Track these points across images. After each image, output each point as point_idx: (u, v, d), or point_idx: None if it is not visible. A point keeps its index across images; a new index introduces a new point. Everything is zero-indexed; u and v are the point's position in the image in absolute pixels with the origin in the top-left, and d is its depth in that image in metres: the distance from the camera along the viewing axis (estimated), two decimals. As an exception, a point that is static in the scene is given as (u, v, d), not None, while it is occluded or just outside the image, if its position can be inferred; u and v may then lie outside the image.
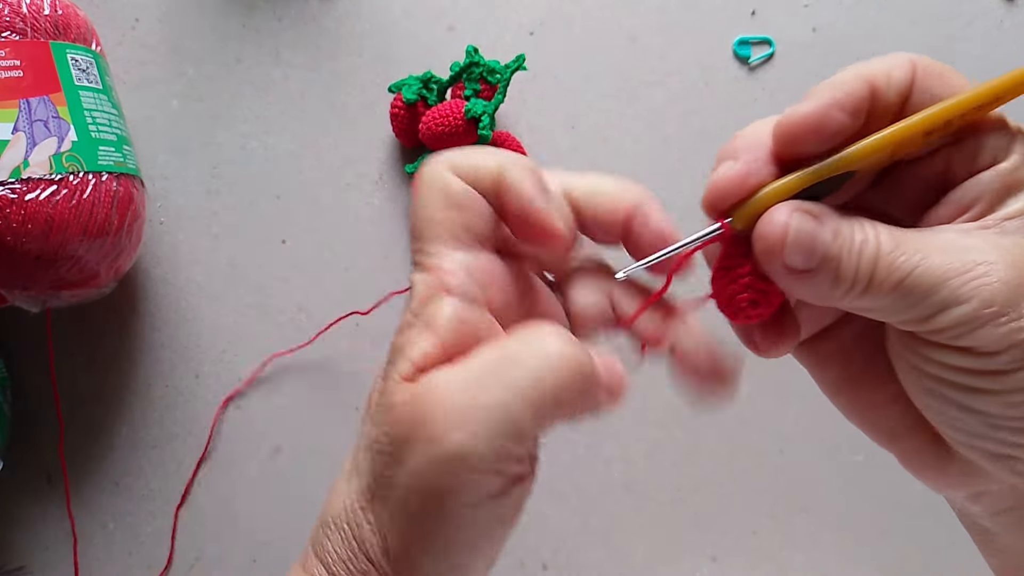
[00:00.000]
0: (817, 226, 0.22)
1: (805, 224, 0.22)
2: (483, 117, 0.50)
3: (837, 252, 0.22)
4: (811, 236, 0.22)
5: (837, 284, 0.22)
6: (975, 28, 0.56)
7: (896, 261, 0.22)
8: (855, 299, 0.23)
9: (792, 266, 0.22)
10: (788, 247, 0.22)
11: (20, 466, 0.54)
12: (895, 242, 0.22)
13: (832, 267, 0.22)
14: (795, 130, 0.23)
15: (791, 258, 0.22)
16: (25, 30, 0.45)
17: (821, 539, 0.55)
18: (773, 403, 0.55)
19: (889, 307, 0.22)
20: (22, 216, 0.43)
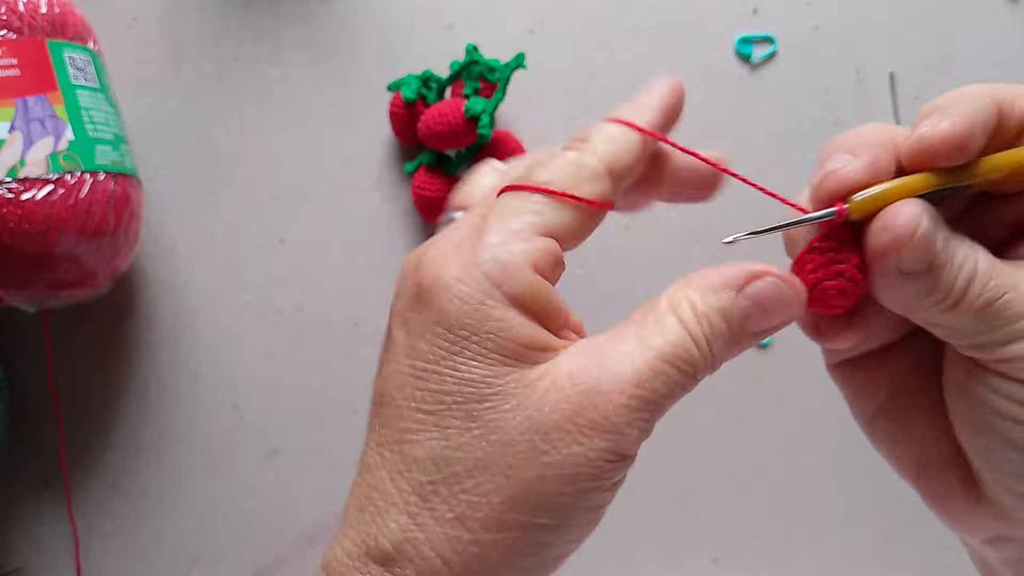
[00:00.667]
0: (939, 230, 0.22)
1: (929, 228, 0.21)
2: (483, 116, 0.50)
3: (943, 261, 0.22)
4: (933, 239, 0.22)
5: (932, 293, 0.22)
6: (977, 28, 0.56)
7: (990, 283, 0.22)
8: (940, 312, 0.22)
9: (903, 264, 0.22)
10: (912, 245, 0.21)
11: (17, 467, 0.54)
12: (991, 265, 0.22)
13: (935, 275, 0.22)
14: (937, 146, 0.22)
15: (908, 255, 0.22)
16: (22, 28, 0.45)
17: (822, 541, 0.55)
18: (774, 404, 0.55)
19: (969, 327, 0.22)
20: (19, 216, 0.43)
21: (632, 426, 0.21)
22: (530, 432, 0.21)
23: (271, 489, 0.54)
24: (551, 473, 0.20)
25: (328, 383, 0.55)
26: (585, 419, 0.21)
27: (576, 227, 0.23)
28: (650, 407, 0.21)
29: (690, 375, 0.22)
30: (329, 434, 0.55)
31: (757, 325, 0.23)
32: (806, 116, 0.56)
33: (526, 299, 0.22)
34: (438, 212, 0.53)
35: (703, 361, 0.22)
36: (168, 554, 0.54)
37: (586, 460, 0.21)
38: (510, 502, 0.21)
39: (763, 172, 0.58)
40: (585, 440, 0.21)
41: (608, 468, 0.21)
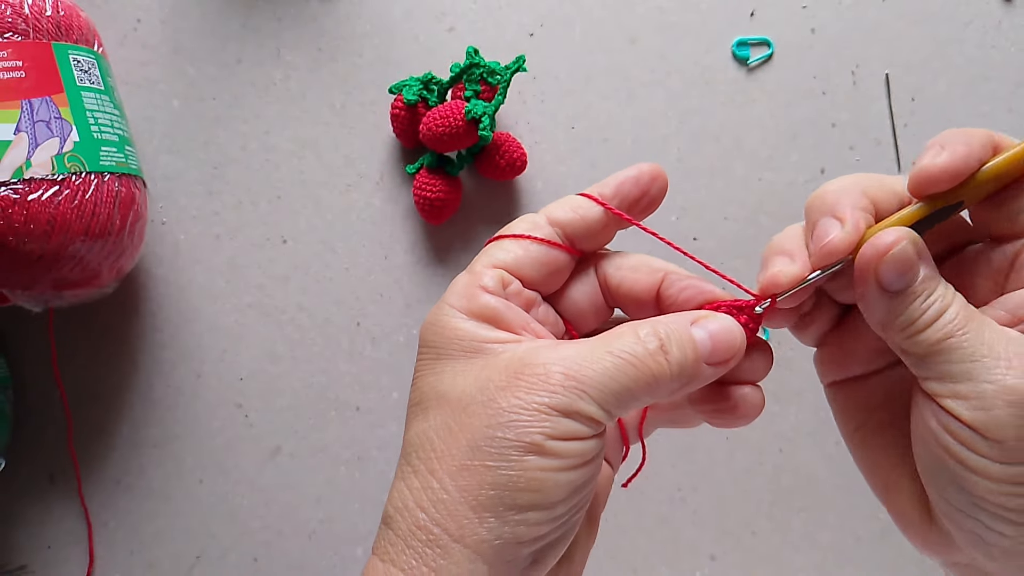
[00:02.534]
0: (918, 258, 0.25)
1: (909, 249, 0.25)
2: (483, 118, 0.50)
3: (919, 290, 0.25)
4: (911, 262, 0.25)
5: (902, 316, 0.25)
6: (974, 29, 0.56)
7: (954, 322, 0.25)
8: (906, 338, 0.25)
9: (882, 279, 0.25)
10: (892, 260, 0.25)
11: (22, 465, 0.54)
12: (962, 308, 0.25)
13: (908, 299, 0.25)
14: (937, 176, 0.26)
15: (887, 270, 0.25)
16: (27, 31, 0.45)
17: (820, 539, 0.55)
18: (773, 403, 0.55)
19: (925, 357, 0.25)
20: (24, 216, 0.43)
21: (568, 389, 0.25)
22: (483, 392, 0.25)
23: (274, 487, 0.55)
24: (496, 420, 0.25)
25: (330, 382, 0.55)
26: (525, 380, 0.25)
27: (527, 260, 0.29)
28: (586, 381, 0.25)
29: (639, 369, 0.25)
30: (331, 432, 0.55)
31: (708, 351, 0.27)
32: (803, 118, 0.56)
33: (480, 311, 0.28)
34: (439, 213, 0.53)
35: (655, 363, 0.26)
36: (172, 550, 0.54)
37: (522, 408, 0.25)
38: (467, 451, 0.25)
39: (760, 173, 0.59)
40: (524, 394, 0.25)
41: (544, 418, 0.24)
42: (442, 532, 0.25)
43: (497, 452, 0.25)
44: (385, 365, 0.55)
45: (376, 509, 0.55)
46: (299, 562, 0.54)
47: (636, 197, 0.29)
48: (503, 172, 0.53)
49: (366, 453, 0.55)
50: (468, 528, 0.24)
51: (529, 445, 0.24)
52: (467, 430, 0.25)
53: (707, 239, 0.56)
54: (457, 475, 0.25)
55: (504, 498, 0.24)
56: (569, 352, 0.26)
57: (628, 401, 0.26)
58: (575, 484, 0.25)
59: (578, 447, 0.25)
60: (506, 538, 0.25)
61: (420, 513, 0.25)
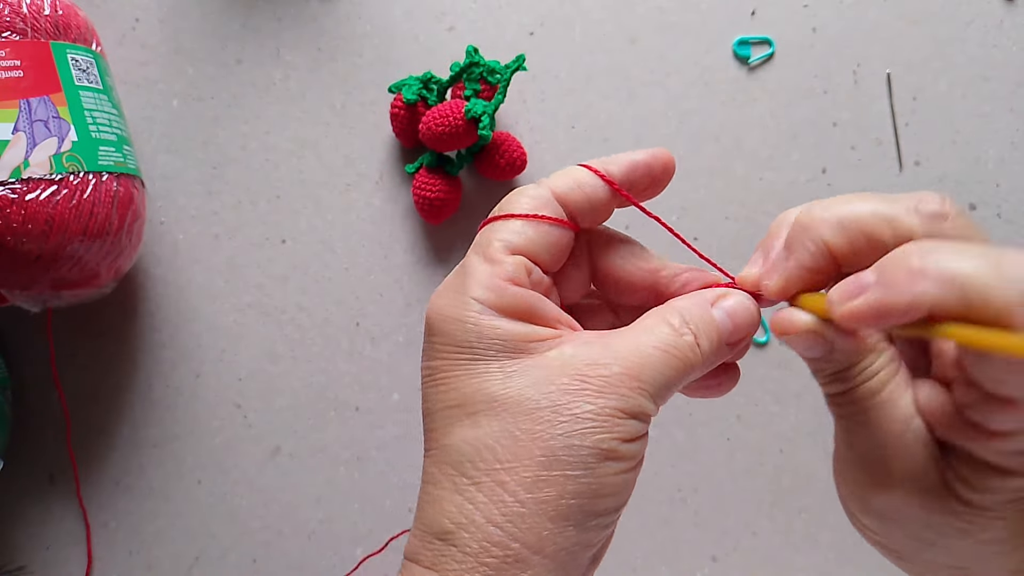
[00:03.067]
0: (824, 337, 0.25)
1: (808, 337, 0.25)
2: (483, 117, 0.50)
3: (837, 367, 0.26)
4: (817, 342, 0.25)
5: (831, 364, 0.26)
6: (975, 28, 0.56)
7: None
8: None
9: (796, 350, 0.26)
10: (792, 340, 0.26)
11: (21, 465, 0.54)
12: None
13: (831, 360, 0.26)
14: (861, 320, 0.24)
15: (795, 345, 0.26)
16: (25, 30, 0.45)
17: (821, 539, 0.55)
18: (773, 403, 0.55)
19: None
20: (22, 216, 0.43)
21: (632, 390, 0.25)
22: (547, 399, 0.24)
23: (273, 487, 0.55)
24: (570, 429, 0.24)
25: (330, 382, 0.55)
26: (592, 383, 0.24)
27: (541, 244, 0.27)
28: (646, 380, 0.25)
29: (681, 360, 0.26)
30: (331, 433, 0.55)
31: (730, 331, 0.27)
32: (804, 117, 0.56)
33: (513, 308, 0.26)
34: (439, 213, 0.53)
35: (692, 353, 0.26)
36: (171, 551, 0.54)
37: (595, 415, 0.24)
38: (541, 462, 0.24)
39: (761, 173, 0.58)
40: (593, 400, 0.24)
41: (617, 423, 0.24)
42: (521, 547, 0.24)
43: (576, 460, 0.24)
44: (385, 365, 0.55)
45: (376, 509, 0.55)
46: (298, 562, 0.54)
47: (645, 185, 0.29)
48: (503, 172, 0.53)
49: (365, 453, 0.55)
50: (548, 539, 0.24)
51: (606, 451, 0.24)
52: (537, 439, 0.24)
53: (707, 239, 0.56)
54: (533, 487, 0.24)
55: (584, 506, 0.24)
56: (621, 349, 0.25)
57: (671, 392, 0.26)
58: (634, 482, 0.26)
59: (641, 445, 0.25)
60: (583, 544, 0.25)
61: (492, 528, 0.24)
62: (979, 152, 0.56)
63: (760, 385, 0.55)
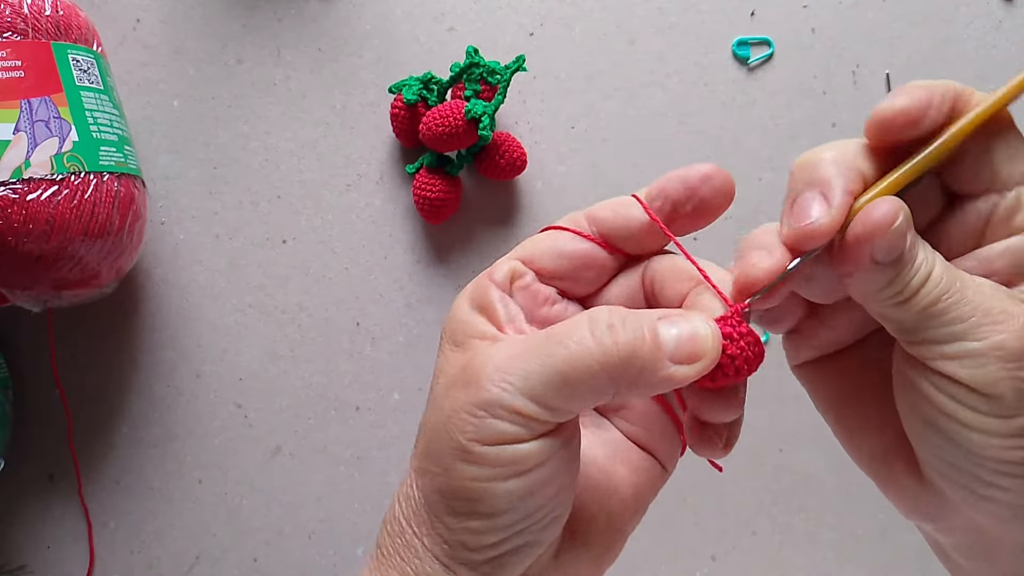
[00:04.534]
0: (910, 228, 0.24)
1: (905, 222, 0.24)
2: (483, 118, 0.50)
3: (908, 259, 0.24)
4: (904, 234, 0.24)
5: (890, 286, 0.24)
6: (974, 28, 0.56)
7: (940, 285, 0.24)
8: (893, 306, 0.24)
9: (877, 253, 0.24)
10: (889, 235, 0.23)
11: (22, 465, 0.54)
12: (944, 270, 0.24)
13: (898, 269, 0.24)
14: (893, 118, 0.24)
15: (882, 245, 0.23)
16: (26, 30, 0.45)
17: (820, 539, 0.55)
18: (773, 403, 0.55)
19: (914, 323, 0.24)
20: (23, 216, 0.43)
21: (494, 385, 0.23)
22: (441, 392, 0.25)
23: (274, 487, 0.55)
24: (437, 422, 0.25)
25: (330, 382, 0.55)
26: (466, 375, 0.24)
27: (549, 253, 0.27)
28: (515, 370, 0.23)
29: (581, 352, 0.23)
30: (331, 432, 0.55)
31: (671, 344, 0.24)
32: (803, 118, 0.56)
33: (479, 302, 0.27)
34: (439, 213, 0.53)
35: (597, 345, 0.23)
36: (171, 550, 0.54)
37: (454, 409, 0.24)
38: (423, 453, 0.25)
39: (760, 173, 0.58)
40: (458, 392, 0.24)
41: (467, 419, 0.23)
42: (408, 525, 0.25)
43: (437, 457, 0.24)
44: (385, 365, 0.55)
45: (376, 509, 0.55)
46: (299, 562, 0.54)
47: (683, 198, 0.26)
48: (503, 172, 0.53)
49: (366, 453, 0.55)
50: (424, 528, 0.25)
51: (458, 451, 0.23)
52: (425, 431, 0.26)
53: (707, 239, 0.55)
54: (417, 476, 0.25)
55: (446, 504, 0.24)
56: (516, 345, 0.24)
57: (574, 392, 0.23)
58: (518, 492, 0.23)
59: (512, 452, 0.23)
60: (455, 543, 0.24)
61: (396, 506, 0.26)
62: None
63: (759, 385, 0.56)
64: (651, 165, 0.56)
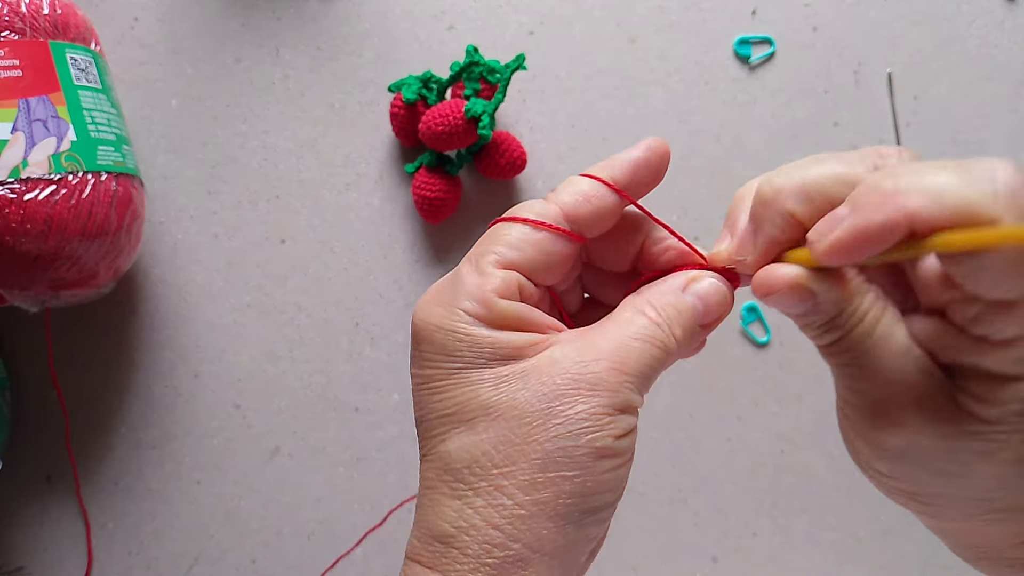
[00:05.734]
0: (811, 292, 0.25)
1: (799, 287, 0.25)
2: (483, 117, 0.50)
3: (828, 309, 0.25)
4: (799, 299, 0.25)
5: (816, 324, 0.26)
6: (975, 28, 0.56)
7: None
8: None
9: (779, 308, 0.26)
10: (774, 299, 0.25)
11: (19, 466, 0.54)
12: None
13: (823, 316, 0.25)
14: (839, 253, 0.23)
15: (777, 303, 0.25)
16: (24, 29, 0.45)
17: (821, 540, 0.55)
18: (773, 403, 0.55)
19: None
20: (21, 216, 0.43)
21: (620, 385, 0.25)
22: (540, 403, 0.25)
23: (272, 488, 0.55)
24: (564, 431, 0.25)
25: (329, 382, 0.55)
26: (582, 384, 0.25)
27: (538, 260, 0.28)
28: (631, 372, 0.26)
29: (660, 349, 0.26)
30: (330, 433, 0.55)
31: (702, 314, 0.28)
32: (804, 117, 0.56)
33: (502, 320, 0.27)
34: (438, 212, 0.53)
35: (668, 340, 0.27)
36: (170, 552, 0.54)
37: (588, 415, 0.25)
38: (537, 465, 0.25)
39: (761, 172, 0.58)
40: (586, 400, 0.25)
41: (609, 420, 0.25)
42: (522, 547, 0.25)
43: (571, 461, 0.25)
44: (384, 366, 0.55)
45: (375, 509, 0.55)
46: (298, 563, 0.54)
47: (647, 181, 0.29)
48: (503, 171, 0.53)
49: (365, 454, 0.55)
50: (547, 538, 0.25)
51: (601, 449, 0.25)
52: (532, 443, 0.25)
53: (707, 239, 0.55)
54: (531, 489, 0.25)
55: (581, 504, 0.25)
56: (605, 345, 0.26)
57: (654, 380, 0.27)
58: (628, 473, 0.26)
59: (632, 438, 0.26)
60: (582, 540, 0.25)
61: (492, 531, 0.25)
62: (980, 152, 0.56)
63: (760, 386, 0.55)
64: (651, 164, 0.56)
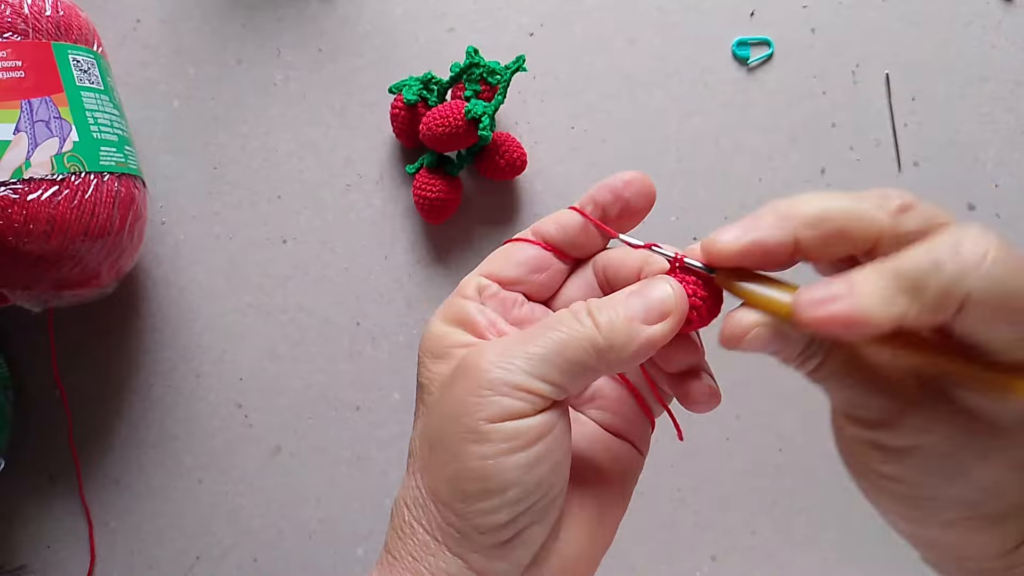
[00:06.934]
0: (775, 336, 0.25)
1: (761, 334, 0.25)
2: (483, 118, 0.50)
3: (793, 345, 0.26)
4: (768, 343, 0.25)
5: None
6: (974, 28, 0.56)
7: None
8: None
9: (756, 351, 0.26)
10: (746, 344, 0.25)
11: (22, 465, 0.54)
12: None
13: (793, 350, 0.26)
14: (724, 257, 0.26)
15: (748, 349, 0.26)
16: (27, 31, 0.45)
17: (820, 539, 0.55)
18: (773, 403, 0.55)
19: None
20: (24, 216, 0.43)
21: (499, 367, 0.25)
22: (440, 391, 0.27)
23: (274, 486, 0.55)
24: (442, 415, 0.27)
25: (330, 382, 0.55)
26: (467, 369, 0.26)
27: (506, 264, 0.30)
28: (517, 352, 0.26)
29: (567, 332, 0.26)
30: (331, 432, 0.55)
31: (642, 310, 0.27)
32: (803, 118, 0.56)
33: (454, 317, 0.29)
34: (439, 213, 0.53)
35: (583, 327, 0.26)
36: (172, 550, 0.54)
37: (460, 398, 0.26)
38: (428, 450, 0.27)
39: (760, 173, 0.58)
40: (462, 383, 0.26)
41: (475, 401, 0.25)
42: (419, 526, 0.26)
43: (445, 447, 0.26)
44: (385, 365, 0.55)
45: (376, 509, 0.55)
46: (299, 562, 0.54)
47: (610, 203, 0.30)
48: (503, 172, 0.53)
49: (366, 453, 0.55)
50: (435, 522, 0.26)
51: (468, 433, 0.25)
52: (428, 430, 0.27)
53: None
54: (424, 473, 0.27)
55: (457, 490, 0.25)
56: (508, 338, 0.27)
57: (569, 369, 0.26)
58: (523, 465, 0.25)
59: (517, 426, 0.25)
60: (466, 529, 0.26)
61: (404, 509, 0.27)
62: (978, 152, 0.56)
63: (760, 385, 0.56)
64: (651, 165, 0.56)
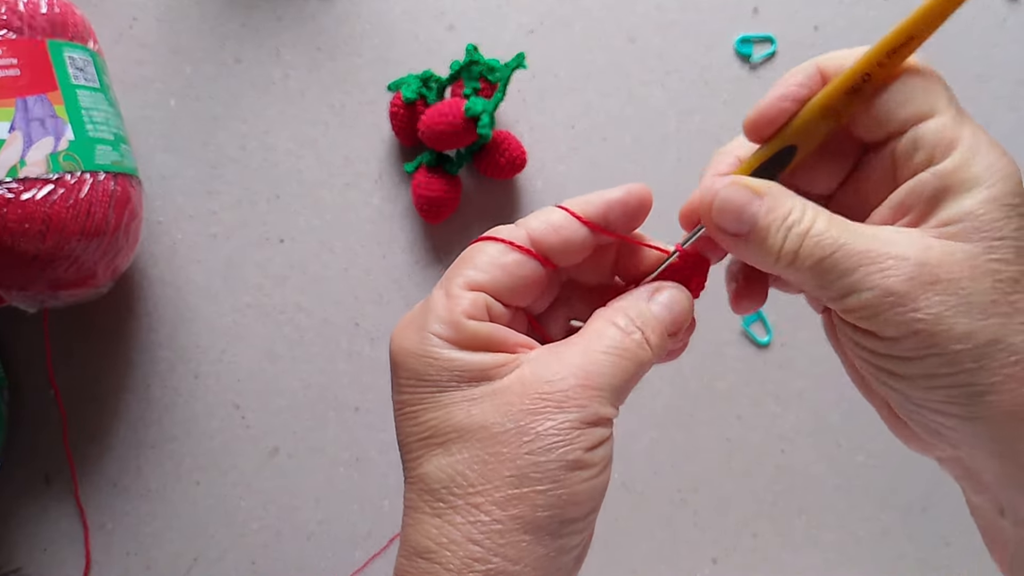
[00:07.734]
0: (750, 198, 0.26)
1: (734, 193, 0.27)
2: (483, 116, 0.50)
3: (766, 224, 0.26)
4: (739, 204, 0.26)
5: (765, 252, 0.26)
6: (977, 27, 0.56)
7: (822, 242, 0.25)
8: (783, 269, 0.26)
9: (723, 227, 0.27)
10: (715, 209, 0.27)
11: (18, 466, 0.54)
12: (827, 226, 0.25)
13: (761, 236, 0.26)
14: (756, 122, 0.28)
15: (720, 219, 0.27)
16: (22, 28, 0.45)
17: (821, 540, 0.55)
18: (773, 403, 0.55)
19: (810, 282, 0.26)
20: (19, 215, 0.43)
21: (589, 399, 0.26)
22: (509, 422, 0.26)
23: (272, 488, 0.54)
24: (535, 447, 0.25)
25: (328, 382, 0.55)
26: (550, 400, 0.26)
27: (505, 281, 0.28)
28: (599, 385, 0.26)
29: (630, 360, 0.27)
30: (329, 433, 0.55)
31: (669, 322, 0.28)
32: (805, 116, 0.56)
33: (471, 341, 0.27)
34: (438, 212, 0.53)
35: (640, 350, 0.27)
36: (169, 552, 0.54)
37: (557, 430, 0.25)
38: (511, 481, 0.25)
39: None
40: (553, 415, 0.26)
41: (578, 434, 0.25)
42: (501, 560, 0.25)
43: (545, 476, 0.25)
44: (384, 366, 0.55)
45: (375, 510, 0.55)
46: (297, 564, 0.54)
47: (622, 222, 0.29)
48: (503, 170, 0.53)
49: (365, 454, 0.55)
50: (527, 550, 0.25)
51: (573, 463, 0.25)
52: (505, 460, 0.26)
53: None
54: (507, 504, 0.25)
55: (557, 515, 0.25)
56: (573, 360, 0.27)
57: (628, 391, 0.27)
58: (607, 482, 0.27)
59: (606, 449, 0.26)
60: (561, 549, 0.26)
61: (472, 546, 0.25)
62: (981, 151, 0.56)
63: (760, 386, 0.55)
64: (651, 164, 0.56)
